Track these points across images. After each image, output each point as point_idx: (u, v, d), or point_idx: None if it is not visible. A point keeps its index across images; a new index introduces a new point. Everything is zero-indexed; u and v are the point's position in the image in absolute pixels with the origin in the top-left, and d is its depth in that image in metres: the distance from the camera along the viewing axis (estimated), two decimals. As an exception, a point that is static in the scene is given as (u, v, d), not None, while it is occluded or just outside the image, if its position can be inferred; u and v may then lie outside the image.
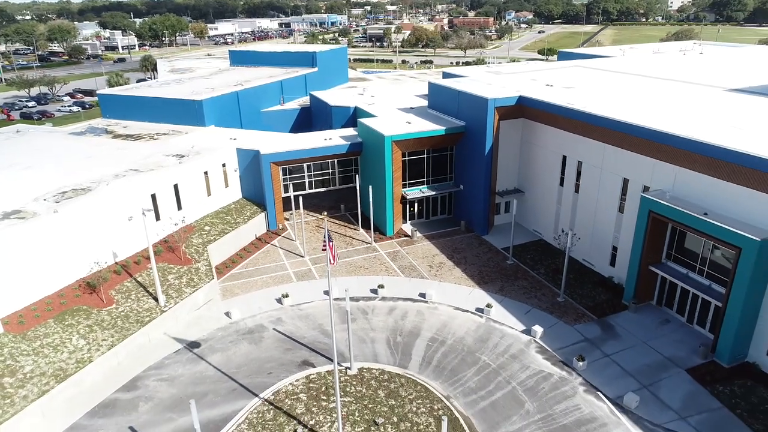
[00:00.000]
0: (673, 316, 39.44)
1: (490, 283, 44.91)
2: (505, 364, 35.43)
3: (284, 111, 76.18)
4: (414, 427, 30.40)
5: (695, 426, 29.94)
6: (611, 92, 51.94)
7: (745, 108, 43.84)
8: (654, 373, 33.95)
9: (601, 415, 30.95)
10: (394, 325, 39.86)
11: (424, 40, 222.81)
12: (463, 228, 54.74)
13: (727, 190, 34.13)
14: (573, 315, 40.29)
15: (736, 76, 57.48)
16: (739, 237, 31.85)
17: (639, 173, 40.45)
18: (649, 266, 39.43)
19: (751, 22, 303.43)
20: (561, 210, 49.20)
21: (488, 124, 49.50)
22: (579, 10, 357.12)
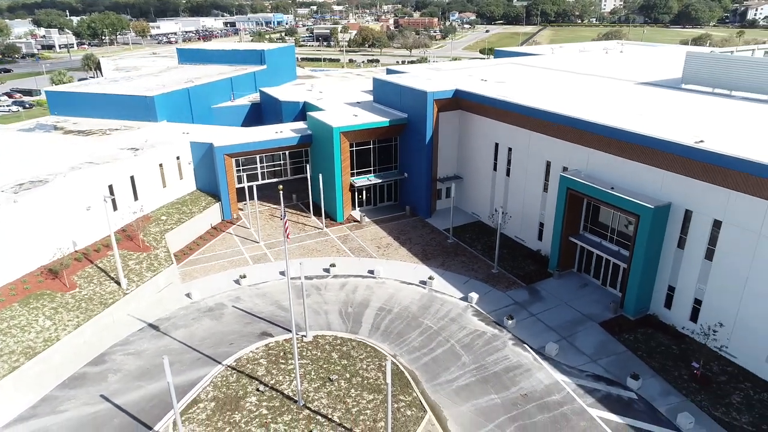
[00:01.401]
0: (590, 281, 44.94)
1: (432, 259, 49.25)
2: (445, 326, 39.75)
3: (235, 107, 78.35)
4: (364, 380, 34.18)
5: (604, 366, 35.13)
6: (538, 86, 57.42)
7: (650, 98, 49.96)
8: (572, 327, 39.11)
9: (526, 363, 35.69)
10: (345, 299, 43.52)
11: (370, 40, 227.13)
12: (408, 212, 59.01)
13: (630, 168, 39.64)
14: (505, 283, 45.15)
15: (647, 72, 64.28)
16: (637, 206, 37.36)
17: (559, 156, 45.72)
18: (569, 237, 44.76)
19: (676, 24, 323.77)
20: (495, 193, 54.19)
21: (428, 116, 53.91)
22: (519, 12, 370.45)
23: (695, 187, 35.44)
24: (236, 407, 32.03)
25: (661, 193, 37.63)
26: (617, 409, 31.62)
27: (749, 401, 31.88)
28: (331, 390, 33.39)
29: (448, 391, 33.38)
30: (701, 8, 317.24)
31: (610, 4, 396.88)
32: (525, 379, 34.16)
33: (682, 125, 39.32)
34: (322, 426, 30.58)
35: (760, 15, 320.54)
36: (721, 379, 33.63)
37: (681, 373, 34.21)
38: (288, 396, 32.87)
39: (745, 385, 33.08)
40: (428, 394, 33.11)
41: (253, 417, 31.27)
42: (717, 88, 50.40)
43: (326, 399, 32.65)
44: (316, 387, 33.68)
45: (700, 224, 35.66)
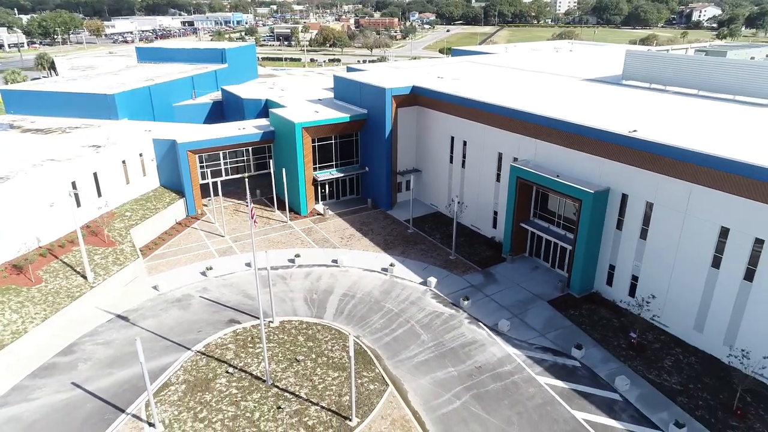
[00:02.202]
0: (540, 263, 48.02)
1: (393, 248, 51.49)
2: (406, 308, 42.03)
3: (196, 105, 78.83)
4: (329, 360, 36.09)
5: (551, 339, 38.06)
6: (491, 82, 60.44)
7: (593, 93, 53.51)
8: (523, 306, 41.98)
9: (481, 338, 38.30)
10: (310, 287, 45.29)
11: (331, 40, 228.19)
12: (370, 205, 61.14)
13: (573, 156, 42.77)
14: (462, 268, 47.78)
15: (592, 69, 68.23)
16: (579, 191, 40.48)
17: (510, 147, 48.64)
18: (520, 224, 47.72)
19: (627, 25, 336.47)
20: (452, 184, 56.86)
21: (387, 112, 56.16)
22: (477, 12, 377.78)
23: (630, 173, 38.74)
24: (207, 388, 33.46)
25: (600, 179, 40.87)
26: (562, 375, 34.51)
27: (679, 364, 35.28)
28: (298, 370, 35.17)
29: (409, 367, 35.63)
30: (650, 10, 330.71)
31: (564, 6, 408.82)
32: (479, 353, 36.73)
33: (619, 117, 42.67)
34: (290, 402, 32.36)
35: (704, 17, 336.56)
36: (655, 347, 36.99)
37: (620, 343, 37.42)
38: (257, 377, 34.49)
39: (676, 351, 36.52)
40: (390, 370, 35.28)
41: (223, 396, 32.78)
42: (653, 84, 54.34)
43: (293, 378, 34.43)
44: (284, 367, 35.40)
45: (635, 207, 39.01)
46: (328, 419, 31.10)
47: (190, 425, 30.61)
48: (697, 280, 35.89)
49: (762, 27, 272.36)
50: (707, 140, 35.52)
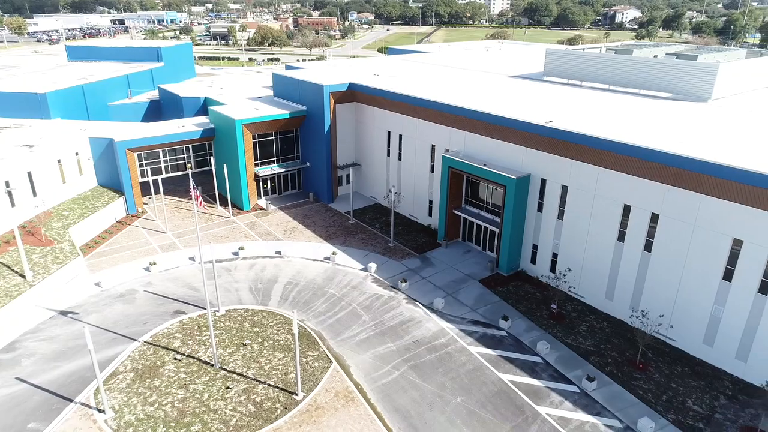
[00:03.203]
0: (472, 247, 51.54)
1: (335, 238, 53.68)
2: (348, 293, 44.35)
3: (133, 104, 77.98)
4: (275, 343, 37.93)
5: (481, 314, 41.43)
6: (424, 79, 63.66)
7: (517, 89, 57.63)
8: (456, 285, 45.24)
9: (417, 316, 41.17)
10: (254, 277, 46.80)
11: (269, 39, 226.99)
12: (312, 199, 63.04)
13: (499, 146, 46.38)
14: (400, 254, 50.60)
15: (518, 67, 72.87)
16: (503, 178, 44.12)
17: (442, 140, 51.86)
18: (453, 211, 51.04)
19: (556, 26, 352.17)
20: (389, 176, 59.66)
21: (325, 108, 58.25)
22: (415, 13, 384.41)
23: (548, 160, 42.66)
24: (155, 375, 34.55)
25: (522, 167, 44.66)
26: (491, 344, 37.86)
27: (592, 329, 39.44)
28: (245, 353, 36.80)
29: (351, 344, 37.98)
30: (577, 12, 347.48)
31: (498, 7, 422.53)
32: (416, 329, 39.57)
33: (539, 110, 46.61)
34: (238, 382, 34.00)
35: (626, 18, 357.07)
36: (572, 315, 41.05)
37: (542, 314, 41.26)
38: (205, 361, 35.87)
39: (590, 318, 40.72)
40: (333, 348, 37.51)
41: (172, 381, 33.99)
42: (571, 80, 59.15)
43: (241, 360, 36.05)
44: (231, 352, 36.94)
45: (553, 190, 42.99)
46: (276, 395, 33.00)
47: (140, 409, 31.71)
48: (606, 254, 40.21)
49: (677, 29, 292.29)
50: (613, 129, 39.78)
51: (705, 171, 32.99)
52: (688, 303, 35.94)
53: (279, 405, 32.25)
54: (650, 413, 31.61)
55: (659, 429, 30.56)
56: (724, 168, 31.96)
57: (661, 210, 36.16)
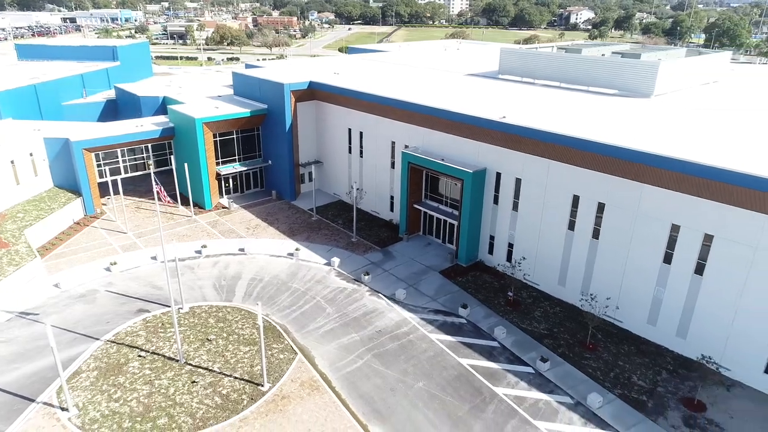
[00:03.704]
0: (433, 240, 53.08)
1: (298, 234, 54.34)
2: (312, 287, 45.17)
3: (88, 104, 76.51)
4: (240, 337, 38.45)
5: (441, 303, 42.93)
6: (384, 77, 64.92)
7: (473, 86, 59.51)
8: (417, 277, 46.64)
9: (380, 307, 42.36)
10: (218, 274, 47.07)
11: (229, 38, 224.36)
12: (275, 197, 63.46)
13: (456, 142, 47.98)
14: (363, 248, 51.70)
15: (475, 66, 74.96)
16: (461, 172, 45.76)
17: (402, 136, 53.19)
18: (413, 205, 52.45)
19: (514, 26, 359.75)
20: (351, 173, 60.66)
21: (286, 106, 58.80)
22: (375, 12, 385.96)
23: (502, 154, 44.48)
24: (120, 372, 34.62)
25: (478, 161, 46.40)
26: (451, 331, 39.38)
27: (546, 314, 41.46)
28: (210, 348, 37.21)
29: (316, 336, 38.86)
30: (533, 12, 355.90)
31: (457, 7, 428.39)
32: (379, 320, 40.75)
33: (494, 106, 48.40)
34: (204, 376, 34.43)
35: (580, 19, 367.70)
36: (528, 302, 43.00)
37: (499, 301, 43.07)
38: (170, 357, 36.12)
39: (544, 304, 42.76)
40: (298, 341, 38.31)
41: (137, 378, 34.15)
42: (524, 77, 61.43)
43: (206, 355, 36.45)
44: (196, 347, 37.29)
45: (508, 183, 44.86)
46: (242, 387, 33.61)
47: (105, 405, 31.80)
48: (557, 242, 42.30)
49: (628, 29, 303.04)
50: (562, 124, 41.84)
51: (645, 162, 35.27)
52: (633, 286, 38.30)
53: (245, 396, 32.87)
54: (599, 389, 33.66)
55: (607, 403, 32.62)
56: (662, 158, 34.28)
57: (607, 199, 38.40)
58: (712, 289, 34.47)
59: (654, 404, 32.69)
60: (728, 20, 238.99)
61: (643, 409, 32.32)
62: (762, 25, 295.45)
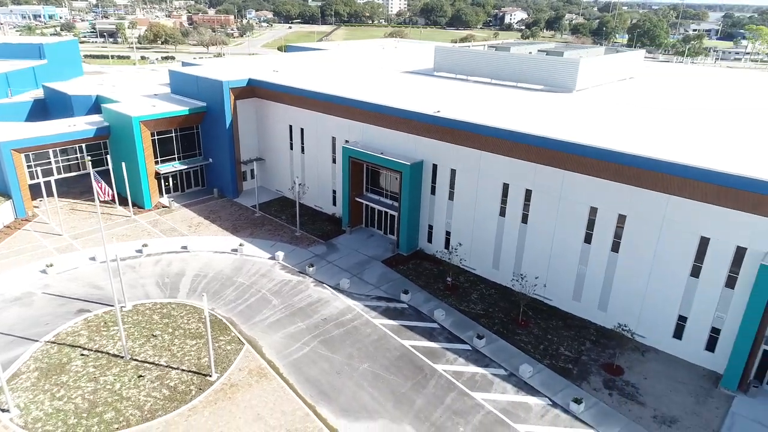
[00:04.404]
0: (375, 232, 54.85)
1: (242, 231, 54.74)
2: (257, 281, 45.89)
3: (14, 103, 73.31)
4: (186, 331, 38.78)
5: (384, 290, 44.72)
6: (323, 75, 66.07)
7: (409, 83, 61.68)
8: (361, 267, 48.25)
9: (325, 297, 43.68)
10: (161, 272, 46.92)
11: (163, 37, 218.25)
12: (217, 195, 63.37)
13: (394, 136, 49.87)
14: (307, 242, 52.79)
15: (412, 63, 77.34)
16: (399, 164, 47.72)
17: (342, 131, 54.60)
18: (355, 198, 54.00)
19: (451, 26, 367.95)
20: (293, 169, 61.51)
21: (226, 104, 58.94)
22: (314, 11, 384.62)
23: (438, 146, 46.75)
24: (62, 371, 34.29)
25: (416, 154, 48.49)
26: (393, 316, 41.23)
27: (482, 296, 44.08)
28: (155, 344, 37.38)
29: (262, 327, 39.73)
30: (469, 13, 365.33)
31: (396, 7, 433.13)
32: (325, 308, 42.06)
33: (429, 101, 50.62)
34: (150, 371, 34.67)
35: (514, 19, 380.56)
36: (465, 286, 45.50)
37: (439, 286, 45.33)
38: (114, 354, 36.06)
39: (480, 287, 45.39)
40: (245, 332, 39.05)
41: (81, 376, 33.96)
42: (458, 74, 64.21)
43: (152, 351, 36.62)
44: (141, 343, 37.36)
45: (444, 174, 47.20)
46: (189, 378, 34.12)
47: (48, 404, 31.54)
48: (490, 228, 45.00)
49: (558, 29, 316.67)
50: (492, 117, 44.47)
51: (567, 150, 38.33)
52: (559, 265, 41.44)
53: (193, 387, 33.41)
54: (530, 361, 36.40)
55: (536, 373, 35.38)
56: (582, 147, 37.41)
57: (533, 186, 41.35)
58: (626, 265, 37.96)
59: (578, 371, 35.76)
60: (648, 21, 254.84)
61: (569, 376, 35.29)
62: (679, 26, 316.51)
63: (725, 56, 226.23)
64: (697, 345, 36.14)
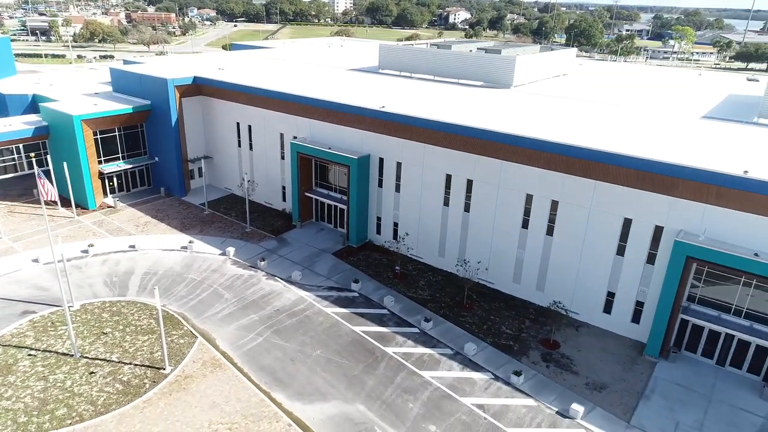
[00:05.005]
0: (325, 226, 56.03)
1: (191, 228, 54.70)
2: (208, 276, 46.22)
3: (-58, 104, 69.93)
4: (137, 328, 38.86)
5: (335, 281, 46.05)
6: (270, 72, 66.58)
7: (356, 80, 63.10)
8: (312, 259, 49.38)
9: (277, 289, 44.58)
10: (109, 271, 46.50)
11: (100, 35, 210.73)
12: (164, 194, 62.81)
13: (341, 131, 51.17)
14: (258, 237, 53.40)
15: (357, 61, 78.76)
16: (347, 158, 49.13)
17: (289, 128, 55.43)
18: (305, 193, 54.99)
19: (397, 25, 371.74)
20: (242, 166, 61.81)
21: (171, 102, 58.61)
22: (259, 10, 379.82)
23: (384, 140, 48.42)
24: (9, 372, 33.83)
25: (362, 148, 50.01)
26: (345, 304, 42.64)
27: (429, 283, 46.12)
28: (106, 341, 37.32)
29: (215, 320, 40.26)
30: (415, 12, 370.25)
31: (342, 6, 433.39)
32: (277, 300, 42.99)
33: (374, 97, 52.20)
34: (102, 367, 34.69)
35: (458, 19, 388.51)
36: (413, 274, 47.43)
37: (388, 275, 47.06)
38: (63, 353, 35.81)
39: (427, 274, 47.44)
40: (198, 326, 39.49)
41: (29, 375, 33.62)
42: (402, 72, 66.16)
43: (103, 348, 36.58)
44: (91, 341, 37.21)
45: (390, 167, 48.95)
46: (143, 372, 34.39)
47: (-5, 405, 31.19)
48: (436, 218, 47.11)
49: (500, 29, 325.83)
50: (435, 112, 46.49)
51: (504, 141, 40.79)
52: (499, 250, 43.98)
53: (147, 380, 33.73)
54: (474, 340, 38.65)
55: (480, 350, 37.65)
56: (517, 138, 39.94)
57: (474, 176, 43.69)
58: (560, 247, 40.83)
59: (519, 347, 38.29)
60: (584, 22, 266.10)
61: (509, 351, 37.75)
62: (613, 27, 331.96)
63: (654, 55, 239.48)
64: (624, 318, 39.39)
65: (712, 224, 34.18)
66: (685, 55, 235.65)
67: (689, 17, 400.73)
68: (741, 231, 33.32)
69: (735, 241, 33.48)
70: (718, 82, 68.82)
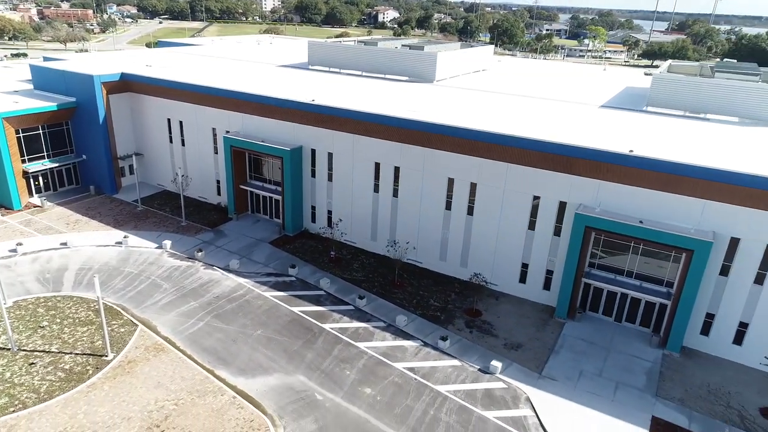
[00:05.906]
0: (261, 217, 57.66)
1: (125, 225, 54.77)
2: (145, 269, 46.91)
3: None
4: (75, 320, 39.31)
5: (273, 267, 48.03)
6: (199, 69, 67.14)
7: (286, 76, 64.87)
8: (249, 249, 51.03)
9: (216, 277, 46.01)
10: (41, 269, 46.16)
11: (10, 32, 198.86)
12: (93, 192, 62.11)
13: (274, 125, 53.00)
14: (194, 230, 54.32)
15: (288, 58, 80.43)
16: (279, 150, 51.13)
17: (222, 123, 56.60)
18: (240, 186, 56.39)
19: (327, 24, 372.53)
20: (174, 162, 62.21)
21: (98, 99, 58.20)
22: (183, 7, 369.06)
23: (315, 132, 50.78)
24: (-58, 369, 33.65)
25: (295, 140, 52.13)
26: (282, 288, 44.76)
27: (363, 265, 49.03)
28: (44, 334, 37.61)
29: (155, 309, 41.28)
30: (344, 11, 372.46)
31: (270, 4, 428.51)
32: (216, 288, 44.46)
33: (304, 92, 54.41)
34: (42, 358, 35.12)
35: (387, 18, 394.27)
36: (347, 258, 50.18)
37: (324, 260, 49.55)
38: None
39: (361, 257, 50.35)
40: (138, 315, 40.40)
41: (-36, 371, 33.62)
42: (331, 68, 68.65)
43: (41, 340, 36.90)
44: (28, 335, 37.40)
45: (322, 157, 51.39)
46: (85, 360, 35.15)
47: (-69, 400, 31.14)
48: (367, 204, 50.08)
49: (428, 28, 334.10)
50: (362, 104, 49.36)
51: (428, 129, 44.27)
52: (426, 231, 47.54)
53: (90, 367, 34.56)
54: (405, 313, 41.89)
55: (411, 322, 40.98)
56: (440, 126, 43.52)
57: (401, 163, 46.97)
58: (479, 225, 44.84)
59: (445, 317, 41.94)
60: (506, 21, 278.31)
61: (437, 321, 41.32)
62: (534, 26, 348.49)
63: (571, 53, 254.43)
64: (537, 286, 43.94)
65: (606, 198, 39.13)
66: (598, 53, 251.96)
67: (603, 18, 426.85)
68: (629, 202, 38.41)
69: (625, 211, 38.53)
70: (618, 77, 75.99)
